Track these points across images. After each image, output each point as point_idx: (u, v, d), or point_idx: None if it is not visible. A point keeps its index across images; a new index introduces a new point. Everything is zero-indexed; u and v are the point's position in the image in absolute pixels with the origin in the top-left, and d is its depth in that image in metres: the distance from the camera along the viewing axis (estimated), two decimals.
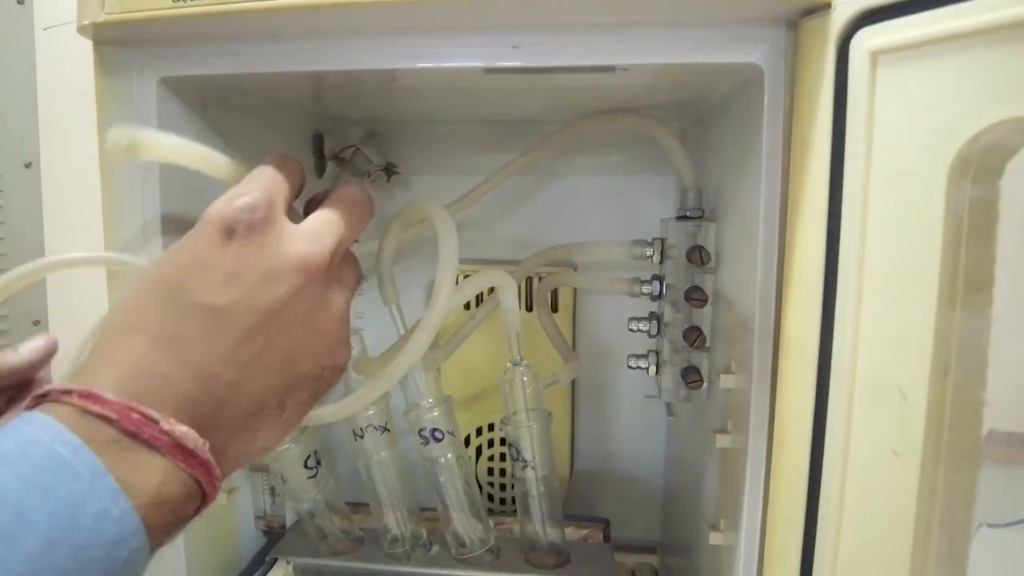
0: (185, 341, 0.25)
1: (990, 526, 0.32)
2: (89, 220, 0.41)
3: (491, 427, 0.65)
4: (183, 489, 0.24)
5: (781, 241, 0.35)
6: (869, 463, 0.31)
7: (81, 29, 0.36)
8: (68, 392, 0.23)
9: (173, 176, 0.40)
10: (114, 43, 0.38)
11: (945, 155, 0.27)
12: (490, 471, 0.66)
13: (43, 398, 0.23)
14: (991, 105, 0.25)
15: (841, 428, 0.31)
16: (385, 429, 0.47)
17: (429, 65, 0.36)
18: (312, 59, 0.37)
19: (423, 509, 0.51)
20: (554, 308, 0.62)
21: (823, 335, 0.32)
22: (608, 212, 0.64)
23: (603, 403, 0.67)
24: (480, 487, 0.66)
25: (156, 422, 0.23)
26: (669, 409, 0.53)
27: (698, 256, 0.43)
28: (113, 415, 0.23)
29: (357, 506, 0.54)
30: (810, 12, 0.32)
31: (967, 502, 0.30)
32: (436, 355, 0.50)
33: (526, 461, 0.45)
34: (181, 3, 0.33)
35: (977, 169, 0.27)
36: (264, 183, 0.29)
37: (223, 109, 0.45)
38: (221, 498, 0.48)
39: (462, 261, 0.39)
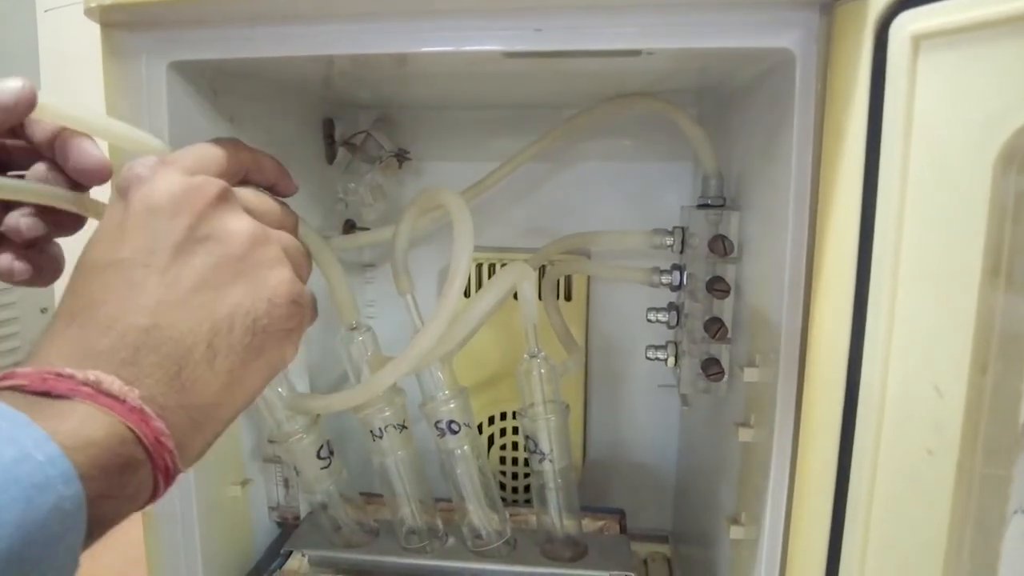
0: (97, 303, 0.25)
1: None
2: (89, 221, 0.40)
3: (503, 416, 0.64)
4: (108, 431, 0.23)
5: (811, 232, 0.34)
6: (901, 461, 0.30)
7: (88, 12, 0.35)
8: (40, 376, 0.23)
9: None
10: (122, 26, 0.37)
11: (991, 146, 0.26)
12: (502, 460, 0.65)
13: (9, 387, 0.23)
14: None
15: (872, 426, 0.31)
16: (403, 427, 0.46)
17: (447, 49, 0.34)
18: (327, 43, 0.35)
19: (438, 500, 0.51)
20: (567, 296, 0.61)
21: (854, 330, 0.32)
22: (624, 198, 0.62)
23: (616, 392, 0.67)
24: (493, 476, 0.65)
25: (71, 376, 0.23)
26: (684, 399, 0.53)
27: (721, 246, 0.41)
28: (25, 382, 0.23)
29: (371, 496, 0.54)
30: None
31: (1003, 496, 0.29)
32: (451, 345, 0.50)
33: (543, 453, 0.44)
34: None
35: None
36: (174, 155, 0.30)
37: (233, 95, 0.44)
38: (234, 490, 0.47)
39: (474, 248, 0.38)
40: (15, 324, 0.76)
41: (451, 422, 0.46)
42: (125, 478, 0.23)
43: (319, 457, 0.44)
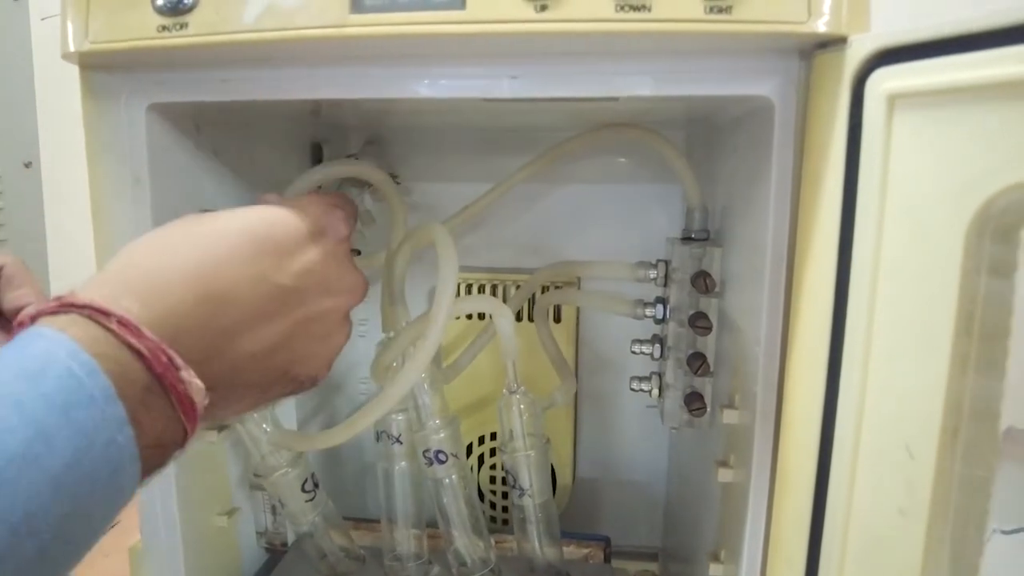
0: (233, 304, 0.26)
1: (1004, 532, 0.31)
2: (90, 220, 0.40)
3: (493, 436, 0.65)
4: (174, 438, 0.24)
5: (788, 279, 0.34)
6: (874, 517, 0.30)
7: (66, 56, 0.35)
8: (107, 314, 0.23)
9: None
10: (100, 68, 0.37)
11: (965, 210, 0.25)
12: (492, 479, 0.66)
13: (68, 307, 0.23)
14: (1018, 162, 0.24)
15: (845, 478, 0.31)
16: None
17: (424, 95, 0.34)
18: (305, 87, 0.35)
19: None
20: (557, 318, 0.61)
21: (829, 383, 0.31)
22: (614, 219, 0.62)
23: (606, 410, 0.67)
24: (482, 496, 0.66)
25: (179, 369, 0.23)
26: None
27: (703, 283, 0.41)
28: (146, 352, 0.23)
29: (359, 522, 0.54)
30: (824, 46, 0.30)
31: (974, 556, 0.29)
32: (442, 375, 0.50)
33: (523, 489, 0.45)
34: (166, 33, 0.32)
35: (998, 227, 0.26)
36: (346, 211, 0.33)
37: (217, 127, 0.44)
38: (221, 520, 0.48)
39: (464, 269, 0.39)
40: None
41: (439, 452, 0.46)
42: (156, 471, 0.24)
43: (304, 490, 0.45)
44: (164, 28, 0.32)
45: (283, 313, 0.28)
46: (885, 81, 0.28)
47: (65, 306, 0.23)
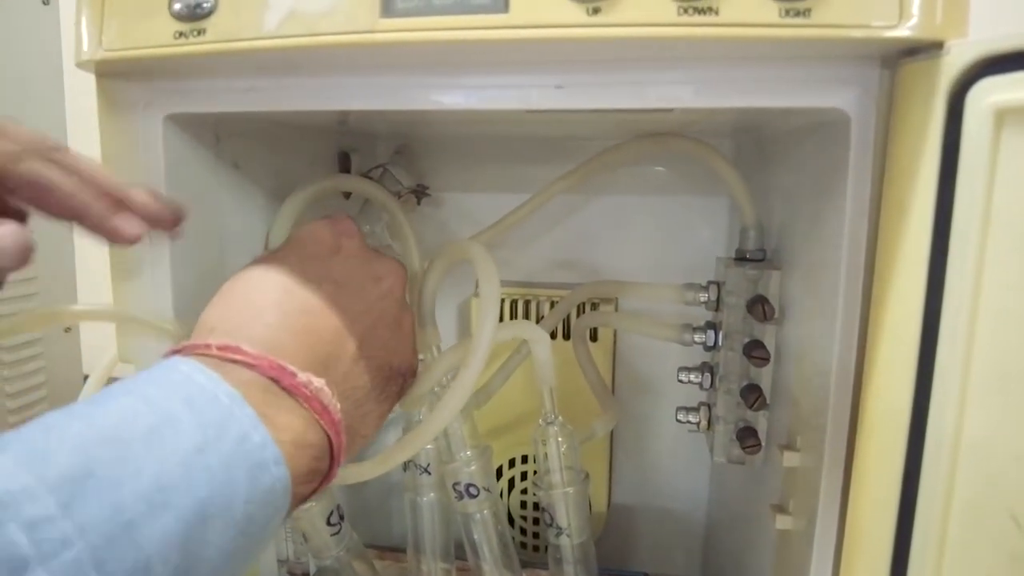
0: (314, 312, 0.28)
1: None
2: None
3: (524, 459, 0.62)
4: (320, 441, 0.25)
5: (864, 310, 0.30)
6: None
7: (81, 64, 0.33)
8: (205, 345, 0.24)
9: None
10: (118, 76, 0.35)
11: None
12: (523, 504, 0.62)
13: (174, 353, 0.24)
14: None
15: (933, 546, 0.27)
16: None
17: (461, 107, 0.31)
18: (334, 97, 0.33)
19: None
20: (594, 337, 0.58)
21: (913, 428, 0.28)
22: (653, 232, 0.59)
23: (644, 433, 0.63)
24: (512, 521, 0.63)
25: (293, 374, 0.25)
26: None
27: (761, 311, 0.38)
28: (253, 362, 0.24)
29: (383, 551, 0.51)
30: (913, 52, 0.27)
31: None
32: (473, 400, 0.47)
33: (560, 528, 0.41)
34: (183, 40, 0.30)
35: None
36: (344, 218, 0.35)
37: (238, 138, 0.41)
38: None
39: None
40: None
41: (470, 485, 0.43)
42: (315, 488, 0.26)
43: (329, 524, 0.42)
44: (181, 35, 0.29)
45: (354, 309, 0.29)
46: (991, 93, 0.24)
47: (172, 352, 0.25)
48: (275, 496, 0.23)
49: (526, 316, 0.58)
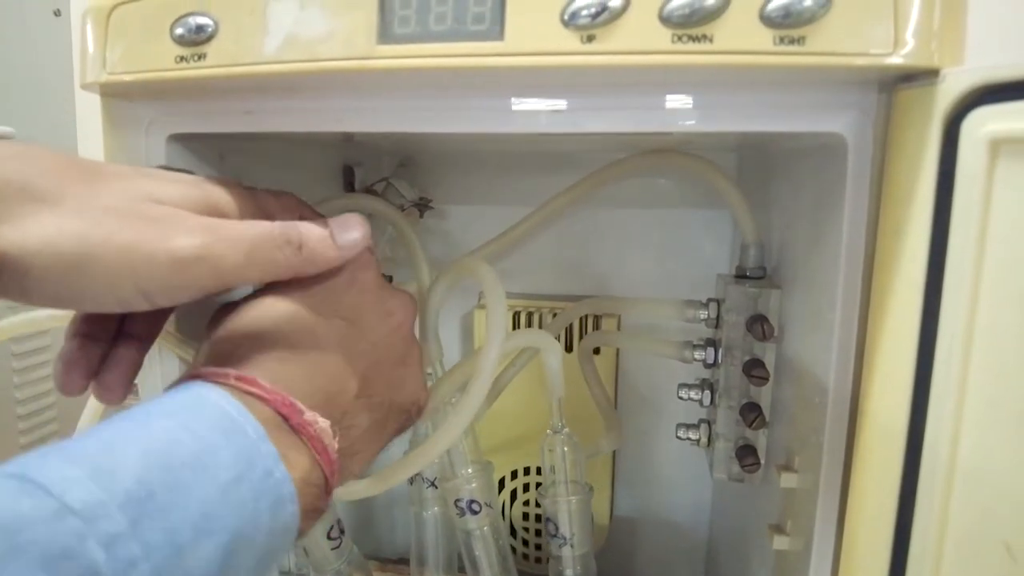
0: (322, 348, 0.27)
1: None
2: None
3: (527, 471, 0.62)
4: (320, 481, 0.25)
5: (860, 334, 0.30)
6: None
7: (85, 86, 0.33)
8: (224, 374, 0.24)
9: None
10: (122, 96, 0.35)
11: None
12: (525, 516, 0.63)
13: (194, 378, 0.24)
14: None
15: (928, 573, 0.27)
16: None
17: (460, 131, 0.32)
18: (334, 119, 0.33)
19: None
20: (596, 350, 0.58)
21: (908, 455, 0.28)
22: (654, 244, 0.59)
23: (646, 447, 0.63)
24: (514, 532, 0.63)
25: (301, 412, 0.25)
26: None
27: (760, 330, 0.38)
28: (268, 396, 0.24)
29: (386, 563, 0.52)
30: (910, 79, 0.27)
31: None
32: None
33: (564, 538, 0.42)
34: (184, 64, 0.30)
35: None
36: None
37: (241, 155, 0.42)
38: None
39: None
40: (49, 352, 0.76)
41: (472, 502, 0.43)
42: (310, 526, 0.25)
43: (329, 538, 0.42)
44: (182, 59, 0.30)
45: (359, 347, 0.29)
46: (987, 123, 0.24)
47: (189, 377, 0.25)
48: (288, 533, 0.23)
49: (528, 327, 0.58)
